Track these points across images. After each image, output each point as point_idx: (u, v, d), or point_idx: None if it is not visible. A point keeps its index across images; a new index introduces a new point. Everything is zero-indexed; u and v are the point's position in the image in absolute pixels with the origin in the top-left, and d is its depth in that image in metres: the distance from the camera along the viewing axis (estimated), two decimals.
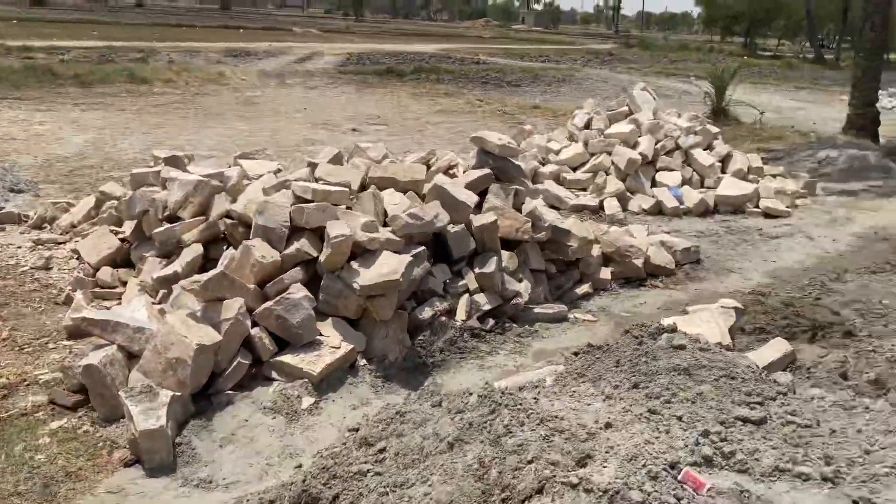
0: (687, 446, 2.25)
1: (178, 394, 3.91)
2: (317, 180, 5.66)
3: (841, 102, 18.32)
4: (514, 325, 5.46)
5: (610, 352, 3.47)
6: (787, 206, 9.47)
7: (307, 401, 4.20)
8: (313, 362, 4.38)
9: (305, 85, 21.06)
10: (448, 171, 6.64)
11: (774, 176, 10.69)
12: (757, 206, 9.41)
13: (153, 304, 4.92)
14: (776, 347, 4.49)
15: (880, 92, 22.67)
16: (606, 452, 2.20)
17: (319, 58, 24.96)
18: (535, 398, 2.65)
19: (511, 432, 2.38)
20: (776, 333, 5.13)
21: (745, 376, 3.09)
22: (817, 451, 2.29)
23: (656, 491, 2.00)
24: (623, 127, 10.19)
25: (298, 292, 4.55)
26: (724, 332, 4.79)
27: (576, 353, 3.68)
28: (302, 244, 4.84)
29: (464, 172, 6.48)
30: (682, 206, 9.07)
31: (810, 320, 5.32)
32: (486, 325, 5.31)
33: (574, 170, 9.99)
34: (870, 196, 10.74)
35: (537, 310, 5.65)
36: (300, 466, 3.57)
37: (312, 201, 5.04)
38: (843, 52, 47.66)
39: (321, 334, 4.58)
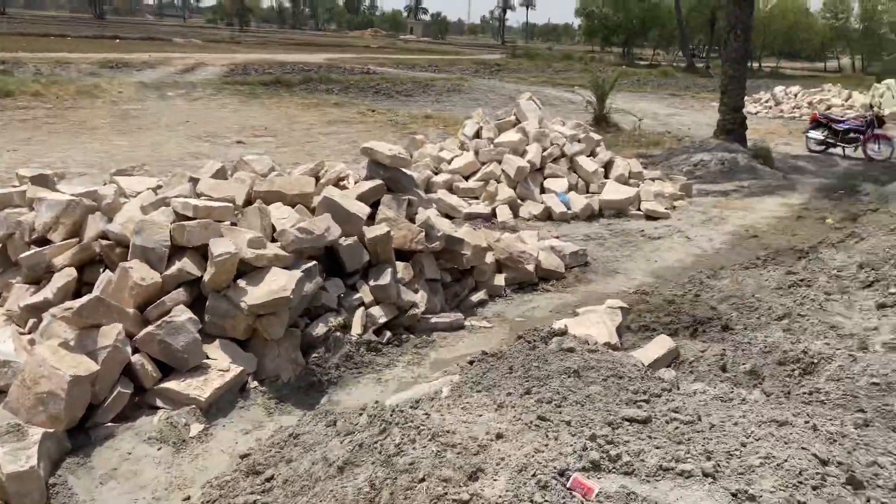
0: (575, 452, 2.28)
1: (51, 430, 3.62)
2: (199, 196, 5.43)
3: (712, 108, 19.51)
4: (412, 335, 5.43)
5: (503, 358, 3.50)
6: (667, 208, 9.97)
7: (196, 428, 3.99)
8: (201, 387, 4.18)
9: (188, 97, 20.28)
10: (338, 182, 6.53)
11: (654, 179, 11.24)
12: (639, 209, 9.85)
13: (21, 334, 4.55)
14: (660, 344, 4.68)
15: (746, 98, 24.41)
16: (497, 465, 2.20)
17: (202, 69, 24.12)
18: (426, 413, 2.61)
19: (402, 451, 2.33)
20: (660, 330, 5.35)
21: (631, 375, 3.19)
22: (698, 446, 2.39)
23: (546, 501, 2.01)
24: (511, 136, 10.43)
25: (182, 315, 4.33)
26: (611, 331, 4.94)
27: (471, 362, 3.69)
28: (184, 264, 4.61)
29: (355, 184, 6.40)
30: (569, 211, 9.36)
31: (691, 316, 5.59)
32: (382, 337, 5.25)
33: (466, 178, 10.12)
34: (740, 195, 11.49)
35: (434, 319, 5.64)
36: (188, 499, 3.39)
37: (194, 218, 4.82)
38: (712, 60, 50.88)
39: (208, 357, 4.38)
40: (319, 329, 4.89)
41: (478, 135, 10.91)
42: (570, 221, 9.26)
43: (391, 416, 2.57)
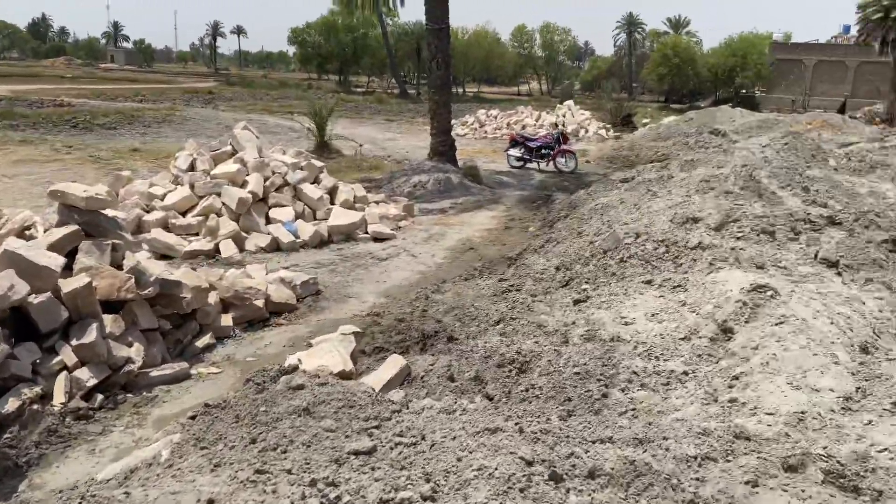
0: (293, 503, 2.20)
1: None
2: None
3: (426, 132, 20.70)
4: (129, 394, 4.91)
5: (229, 407, 3.29)
6: (392, 229, 10.34)
7: None
8: None
9: None
10: (24, 232, 5.71)
11: (378, 202, 11.61)
12: (366, 232, 10.08)
13: None
14: (392, 364, 4.78)
15: (454, 121, 26.36)
16: None
17: None
18: (126, 492, 2.34)
19: None
20: (393, 350, 5.48)
21: (362, 402, 3.19)
22: (419, 469, 2.45)
23: None
24: (229, 167, 10.03)
25: None
26: (345, 358, 4.94)
27: (192, 417, 3.41)
28: None
29: (45, 232, 5.65)
30: (298, 240, 9.26)
31: (420, 332, 5.81)
32: (93, 402, 4.67)
33: (183, 214, 9.50)
34: (456, 211, 12.33)
35: (154, 373, 5.16)
36: None
37: None
38: (422, 87, 54.30)
39: None
40: (10, 405, 4.21)
41: (192, 167, 10.32)
42: (299, 250, 9.16)
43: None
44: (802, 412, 3.65)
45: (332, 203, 10.61)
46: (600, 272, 6.70)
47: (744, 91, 49.58)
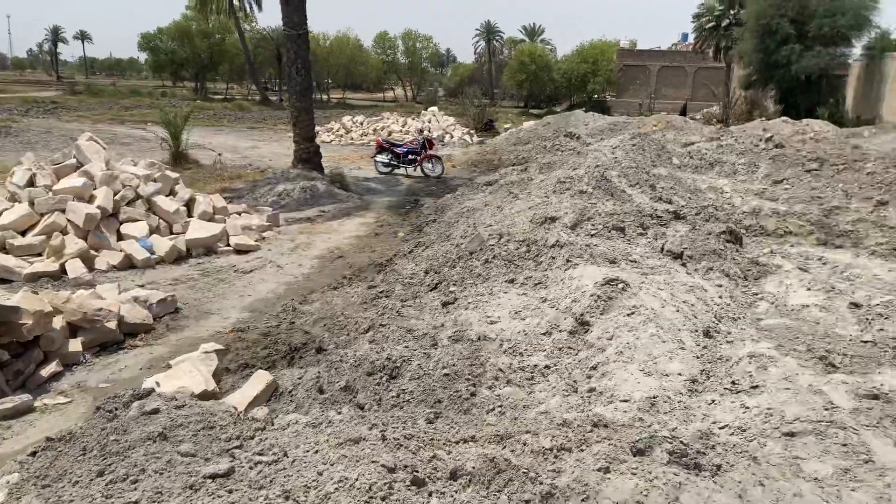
0: None
1: None
2: None
3: (289, 139, 20.26)
4: None
5: (75, 440, 3.05)
6: (256, 240, 10.03)
7: None
8: None
9: None
10: None
11: (240, 213, 11.22)
12: (228, 245, 9.72)
13: None
14: (258, 380, 4.64)
15: (319, 128, 25.98)
16: None
17: None
18: None
19: None
20: (259, 365, 5.32)
21: (223, 423, 3.07)
22: (278, 487, 2.39)
23: None
24: (74, 181, 9.34)
25: None
26: (207, 378, 4.74)
27: (33, 454, 3.13)
28: None
29: None
30: (153, 256, 8.78)
31: (287, 345, 5.68)
32: None
33: (23, 234, 8.75)
34: (323, 220, 12.16)
35: None
36: None
37: None
38: (284, 94, 53.09)
39: None
40: None
41: (31, 183, 9.52)
42: (155, 267, 8.69)
43: None
44: (654, 397, 3.90)
45: (190, 216, 10.15)
46: (467, 274, 6.83)
47: (596, 96, 52.33)
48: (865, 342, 5.28)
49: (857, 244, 8.27)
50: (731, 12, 37.20)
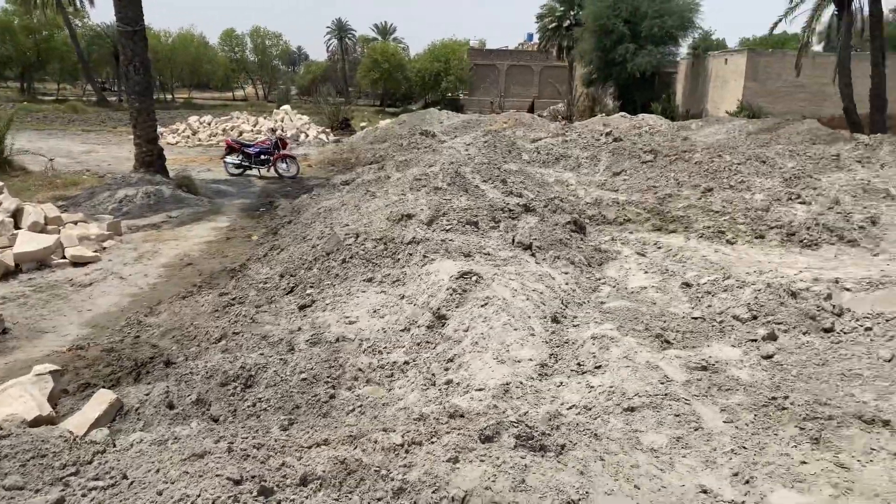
0: None
1: None
2: None
3: (129, 142, 19.04)
4: None
5: None
6: (95, 251, 9.34)
7: None
8: None
9: None
10: None
11: (76, 222, 10.39)
12: (63, 257, 8.98)
13: None
14: (99, 400, 4.32)
15: (164, 129, 24.62)
16: None
17: None
18: None
19: None
20: (102, 384, 4.97)
21: (56, 450, 2.83)
22: None
23: None
24: None
25: None
26: (41, 402, 4.36)
27: None
28: None
29: None
30: None
31: (132, 360, 5.33)
32: None
33: None
34: (170, 226, 11.53)
35: None
36: None
37: None
38: (123, 93, 49.77)
39: None
40: None
41: None
42: None
43: None
44: (507, 383, 4.04)
45: (18, 227, 9.29)
46: (324, 275, 6.75)
47: (449, 94, 53.37)
48: (696, 318, 5.77)
49: (687, 228, 9.00)
50: (572, 13, 39.25)
